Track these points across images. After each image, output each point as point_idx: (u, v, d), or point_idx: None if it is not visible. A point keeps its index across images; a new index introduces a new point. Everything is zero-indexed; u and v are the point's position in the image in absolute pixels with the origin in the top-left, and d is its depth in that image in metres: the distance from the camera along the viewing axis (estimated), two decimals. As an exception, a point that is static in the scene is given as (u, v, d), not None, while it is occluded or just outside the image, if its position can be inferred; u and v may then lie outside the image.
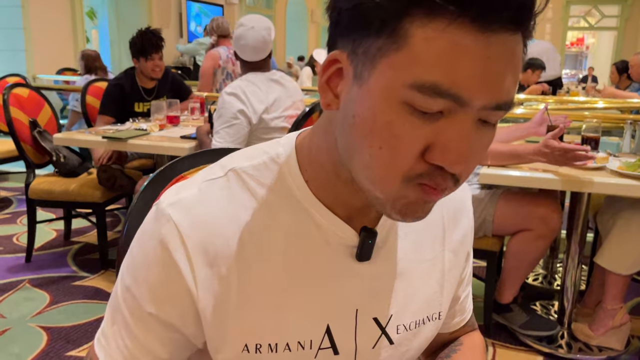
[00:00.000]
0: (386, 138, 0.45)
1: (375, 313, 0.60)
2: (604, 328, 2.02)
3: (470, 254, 0.71)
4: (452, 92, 0.42)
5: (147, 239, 0.57)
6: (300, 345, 0.57)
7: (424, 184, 0.47)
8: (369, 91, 0.46)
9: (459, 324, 0.76)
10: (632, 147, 2.31)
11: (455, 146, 0.44)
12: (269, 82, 2.29)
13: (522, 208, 2.03)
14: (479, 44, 0.41)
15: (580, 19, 12.82)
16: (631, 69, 4.94)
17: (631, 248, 1.91)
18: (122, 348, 0.58)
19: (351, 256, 0.58)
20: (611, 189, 1.82)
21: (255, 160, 0.58)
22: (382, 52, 0.44)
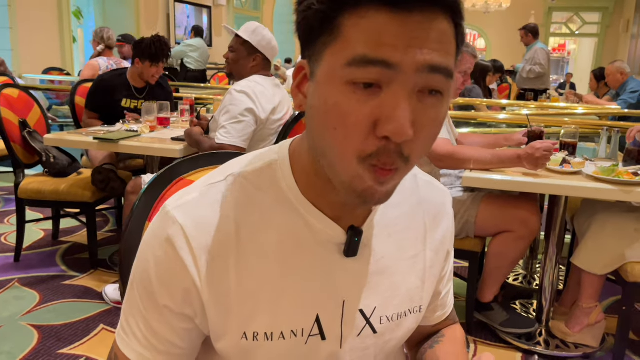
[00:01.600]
0: (337, 117, 0.51)
1: (361, 305, 0.66)
2: (580, 326, 2.11)
3: (450, 252, 0.78)
4: (380, 59, 0.49)
5: (155, 239, 0.63)
6: (293, 333, 0.63)
7: (374, 165, 0.52)
8: (319, 82, 0.53)
9: (441, 317, 0.83)
10: (608, 152, 2.41)
11: (395, 114, 0.49)
12: (273, 86, 2.38)
13: (503, 210, 2.11)
14: (396, 20, 0.49)
15: (562, 25, 13.06)
16: (607, 78, 5.08)
17: (606, 249, 2.00)
18: (143, 340, 0.64)
19: (339, 252, 0.63)
20: (587, 193, 1.90)
21: (252, 166, 0.64)
22: (325, 46, 0.52)
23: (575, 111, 4.48)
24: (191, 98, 3.39)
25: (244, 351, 0.63)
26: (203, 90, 5.82)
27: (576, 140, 2.31)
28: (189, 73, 7.64)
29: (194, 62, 7.68)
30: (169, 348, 0.64)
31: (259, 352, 0.63)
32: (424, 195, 0.72)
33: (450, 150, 1.99)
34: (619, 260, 1.98)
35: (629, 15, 10.59)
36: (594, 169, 1.96)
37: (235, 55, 2.38)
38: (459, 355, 0.78)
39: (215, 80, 7.46)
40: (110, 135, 2.54)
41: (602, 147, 2.43)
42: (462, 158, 1.98)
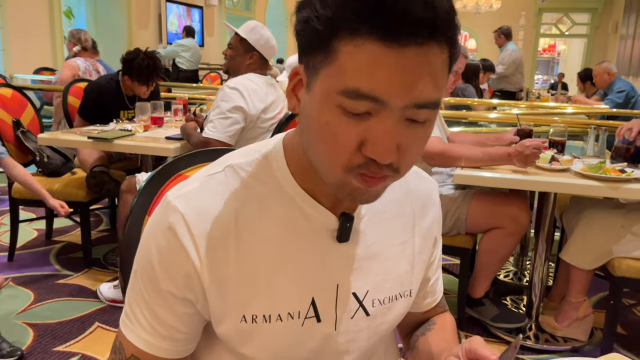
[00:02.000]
0: (327, 135, 0.55)
1: (353, 288, 0.69)
2: (569, 320, 2.15)
3: (437, 239, 0.81)
4: (371, 95, 0.51)
5: (158, 227, 0.66)
6: (290, 315, 0.66)
7: (363, 173, 0.56)
8: (314, 97, 0.56)
9: (431, 304, 0.86)
10: (596, 150, 2.45)
11: (381, 140, 0.53)
12: (267, 85, 2.40)
13: (493, 207, 2.15)
14: (391, 55, 0.50)
15: (552, 26, 13.18)
16: (595, 78, 5.16)
17: (593, 245, 2.05)
18: (147, 326, 0.66)
19: (332, 238, 0.67)
20: (575, 189, 1.95)
21: (249, 158, 0.67)
22: (321, 65, 0.54)
23: (565, 111, 4.54)
24: (184, 98, 3.41)
25: (243, 334, 0.66)
26: (195, 90, 5.82)
27: (565, 139, 2.35)
28: (181, 73, 7.64)
29: (185, 62, 7.68)
30: (172, 333, 0.67)
31: (257, 334, 0.66)
32: (412, 185, 0.76)
33: (441, 149, 2.03)
34: (606, 256, 2.02)
35: (618, 16, 10.72)
36: (582, 166, 2.00)
37: (232, 52, 2.41)
38: (450, 341, 0.81)
39: (208, 80, 7.47)
40: (104, 135, 2.55)
41: (590, 145, 2.47)
42: (453, 156, 2.02)
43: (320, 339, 0.69)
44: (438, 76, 0.53)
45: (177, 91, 5.32)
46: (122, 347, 0.68)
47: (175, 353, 0.68)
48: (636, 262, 1.97)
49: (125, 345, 0.68)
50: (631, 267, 1.97)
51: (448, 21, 0.52)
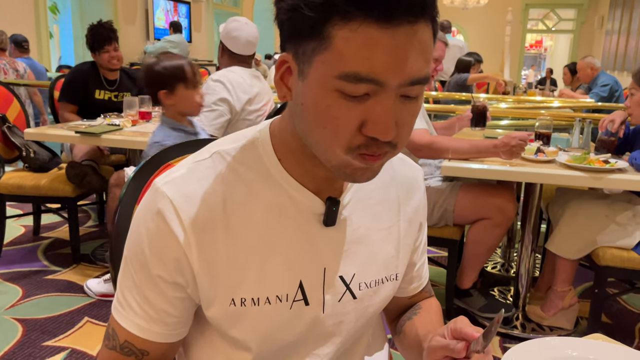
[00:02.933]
0: (327, 119, 0.56)
1: (340, 272, 0.70)
2: (555, 309, 2.19)
3: (423, 225, 0.82)
4: (370, 78, 0.53)
5: (147, 213, 0.66)
6: (278, 298, 0.67)
7: (363, 153, 0.57)
8: (309, 84, 0.56)
9: (417, 289, 0.87)
10: (581, 142, 2.49)
11: (382, 120, 0.55)
12: (251, 77, 2.41)
13: (480, 198, 2.18)
14: (385, 36, 0.52)
15: (539, 22, 13.28)
16: (579, 73, 5.22)
17: (578, 235, 2.08)
18: (139, 311, 0.67)
19: (319, 222, 0.68)
20: (560, 180, 1.98)
21: (236, 144, 0.68)
22: (315, 52, 0.55)
23: (551, 105, 4.60)
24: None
25: (232, 317, 0.67)
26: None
27: (550, 131, 2.39)
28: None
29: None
30: (164, 317, 0.67)
31: (246, 318, 0.67)
32: (397, 171, 0.77)
33: (428, 140, 2.05)
34: (590, 245, 2.06)
35: (604, 12, 10.83)
36: (567, 157, 2.03)
37: (219, 52, 2.45)
38: (435, 324, 0.82)
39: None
40: (92, 129, 2.54)
41: (575, 137, 2.51)
42: (440, 148, 2.04)
43: (308, 321, 0.70)
44: (427, 52, 0.55)
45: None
46: (116, 333, 0.69)
47: (168, 337, 0.69)
48: (620, 252, 2.01)
49: (119, 331, 0.69)
50: (615, 257, 2.00)
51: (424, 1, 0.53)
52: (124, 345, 0.68)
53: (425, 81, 0.56)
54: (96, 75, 3.11)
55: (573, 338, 0.77)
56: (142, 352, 0.69)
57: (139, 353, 0.68)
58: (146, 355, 0.69)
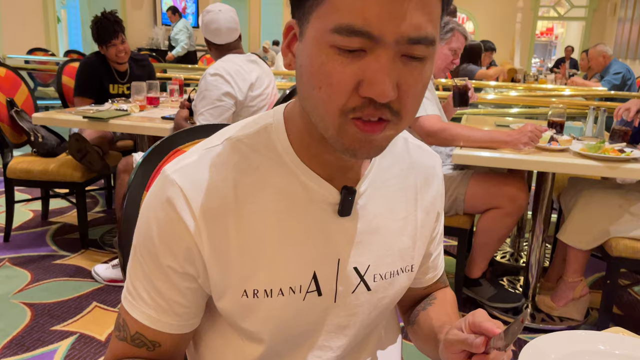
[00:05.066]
0: (322, 78, 0.53)
1: (355, 263, 0.68)
2: (565, 300, 2.17)
3: (440, 214, 0.80)
4: (364, 30, 0.50)
5: (156, 202, 0.64)
6: (291, 290, 0.65)
7: (357, 118, 0.54)
8: (306, 42, 0.55)
9: (432, 279, 0.85)
10: (594, 131, 2.45)
11: (378, 78, 0.51)
12: (248, 62, 2.34)
13: (491, 187, 2.15)
14: None
15: (550, 8, 13.09)
16: (590, 61, 5.14)
17: (591, 225, 2.05)
18: (149, 301, 0.65)
19: (334, 212, 0.65)
20: (574, 169, 1.94)
21: (248, 130, 0.66)
22: (312, 8, 0.53)
23: (563, 93, 4.53)
24: (180, 78, 3.37)
25: (245, 308, 0.65)
26: (190, 72, 5.78)
27: (563, 119, 2.35)
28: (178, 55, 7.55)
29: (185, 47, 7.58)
30: (175, 307, 0.66)
31: (259, 309, 0.65)
32: (414, 159, 0.74)
33: (441, 127, 2.02)
34: (603, 236, 2.03)
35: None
36: (581, 146, 2.00)
37: None
38: (450, 315, 0.80)
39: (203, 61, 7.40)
40: (100, 114, 2.52)
41: (589, 125, 2.47)
42: (452, 134, 2.01)
43: (321, 313, 0.68)
44: (430, 8, 0.52)
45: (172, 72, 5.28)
46: (126, 324, 0.67)
47: (179, 328, 0.67)
48: (634, 242, 1.98)
49: (129, 322, 0.67)
50: (628, 247, 1.97)
51: None
52: (135, 336, 0.67)
53: (430, 42, 0.53)
54: (107, 69, 3.06)
55: (596, 332, 0.75)
56: (154, 343, 0.67)
57: (150, 344, 0.67)
58: (158, 346, 0.67)
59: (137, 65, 3.19)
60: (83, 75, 3.05)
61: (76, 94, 3.06)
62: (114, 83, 3.11)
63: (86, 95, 3.02)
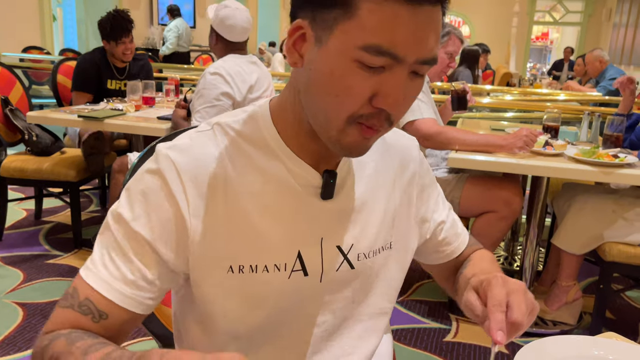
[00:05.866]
0: (341, 87, 0.58)
1: (337, 242, 0.70)
2: (558, 303, 2.18)
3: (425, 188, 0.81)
4: (390, 52, 0.55)
5: (146, 173, 0.65)
6: (276, 267, 0.67)
7: (361, 123, 0.59)
8: (327, 52, 0.58)
9: (459, 248, 0.86)
10: (589, 136, 2.46)
11: (393, 92, 0.57)
12: (249, 64, 2.33)
13: (486, 191, 2.15)
14: (409, 14, 0.54)
15: (546, 13, 13.17)
16: (587, 66, 5.16)
17: (584, 230, 2.06)
18: (112, 269, 0.63)
19: (316, 195, 0.68)
20: (568, 174, 1.95)
21: (236, 117, 0.69)
22: (337, 20, 0.56)
23: (557, 97, 4.56)
24: (176, 78, 3.36)
25: (229, 285, 0.66)
26: (186, 72, 5.77)
27: (558, 124, 2.36)
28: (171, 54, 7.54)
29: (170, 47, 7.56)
30: (138, 279, 0.64)
31: (244, 285, 0.66)
32: (391, 142, 0.78)
33: (437, 130, 2.02)
34: (597, 241, 2.04)
35: (612, 4, 10.73)
36: (575, 151, 2.01)
37: (209, 39, 2.38)
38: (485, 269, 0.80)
39: (199, 62, 7.39)
40: (95, 114, 2.51)
41: (583, 130, 2.48)
42: (448, 138, 2.01)
43: (305, 290, 0.70)
44: (439, 33, 0.59)
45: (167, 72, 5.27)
46: (77, 291, 0.64)
47: (134, 304, 0.64)
48: (627, 247, 1.99)
49: (81, 289, 0.64)
50: (622, 252, 1.98)
51: None
52: (84, 302, 0.63)
53: (434, 62, 0.59)
54: (107, 64, 3.08)
55: (590, 337, 0.75)
56: (101, 313, 0.63)
57: (97, 314, 0.63)
58: (104, 318, 0.64)
59: (135, 63, 3.20)
60: (82, 70, 3.06)
61: (74, 89, 3.06)
62: (112, 78, 3.12)
63: (84, 90, 3.02)
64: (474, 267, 0.82)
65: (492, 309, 0.61)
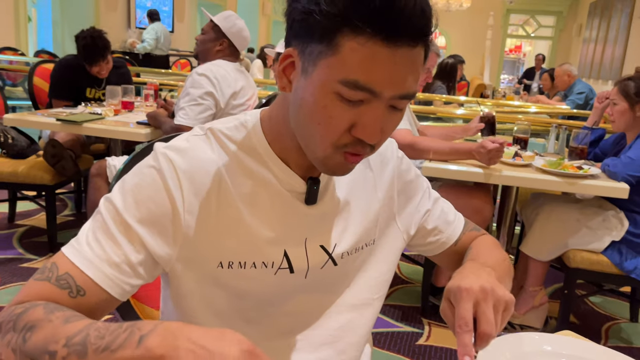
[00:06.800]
0: (322, 117, 0.63)
1: (321, 242, 0.76)
2: (526, 308, 2.26)
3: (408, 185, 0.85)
4: (367, 87, 0.60)
5: (145, 168, 0.69)
6: (264, 264, 0.72)
7: (347, 152, 0.65)
8: (312, 82, 0.62)
9: (453, 236, 0.88)
10: (556, 148, 2.57)
11: (371, 125, 0.62)
12: (236, 71, 2.40)
13: (458, 200, 2.21)
14: (388, 54, 0.59)
15: (519, 27, 13.50)
16: (556, 79, 5.34)
17: (550, 238, 2.15)
18: (98, 250, 0.65)
19: (301, 200, 0.73)
20: (535, 184, 2.04)
21: (227, 124, 0.74)
22: (322, 55, 0.61)
23: (528, 110, 4.70)
24: (155, 83, 3.38)
25: (217, 280, 0.71)
26: (164, 77, 5.75)
27: (528, 136, 2.46)
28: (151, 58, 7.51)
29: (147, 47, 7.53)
30: (122, 261, 0.65)
31: (232, 280, 0.71)
32: None
33: (411, 141, 2.09)
34: (562, 248, 2.13)
35: (582, 20, 11.07)
36: (543, 162, 2.10)
37: (203, 37, 2.43)
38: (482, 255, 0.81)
39: (177, 66, 7.38)
40: (73, 117, 2.51)
41: (551, 142, 2.59)
42: (422, 148, 2.09)
43: (291, 288, 0.75)
44: (418, 70, 0.63)
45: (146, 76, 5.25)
46: (56, 265, 0.65)
47: (111, 285, 0.65)
48: (590, 255, 2.08)
49: (61, 264, 0.64)
50: (585, 259, 2.08)
51: (431, 28, 0.61)
52: (63, 276, 0.63)
53: (413, 97, 0.64)
54: (85, 73, 3.06)
55: (546, 334, 0.81)
56: (79, 289, 0.63)
57: (75, 289, 0.63)
58: (81, 295, 0.63)
59: (115, 72, 3.18)
60: (60, 77, 3.04)
61: (52, 96, 3.04)
62: (92, 87, 3.11)
63: (62, 98, 3.00)
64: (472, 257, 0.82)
65: (459, 330, 0.61)
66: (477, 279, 0.65)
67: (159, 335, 0.49)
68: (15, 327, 0.58)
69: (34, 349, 0.55)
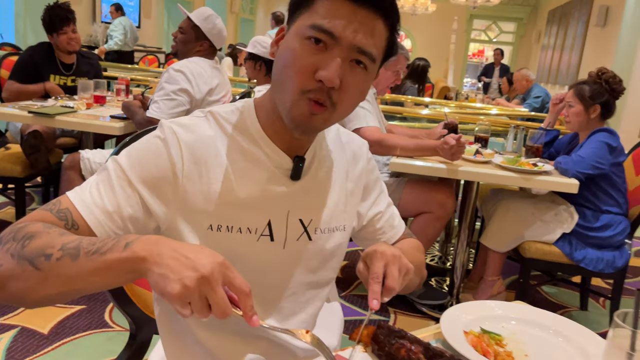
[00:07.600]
0: (292, 59, 0.74)
1: (300, 216, 0.86)
2: (485, 296, 2.40)
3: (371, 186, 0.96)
4: (329, 30, 0.73)
5: (151, 138, 0.80)
6: (248, 230, 0.82)
7: (310, 98, 0.73)
8: (289, 34, 0.77)
9: (393, 237, 1.00)
10: (514, 147, 2.73)
11: (330, 66, 0.72)
12: (212, 68, 2.45)
13: (423, 194, 2.35)
14: (350, 9, 0.73)
15: (482, 32, 13.91)
16: (514, 83, 5.58)
17: (508, 230, 2.30)
18: (96, 197, 0.75)
19: (287, 176, 0.84)
20: (495, 179, 2.18)
21: (225, 108, 0.85)
22: (300, 14, 0.76)
23: (490, 111, 4.91)
24: (127, 78, 3.39)
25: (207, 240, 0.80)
26: (130, 72, 5.71)
27: (488, 135, 2.61)
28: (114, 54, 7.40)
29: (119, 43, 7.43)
30: (115, 212, 0.75)
31: (219, 242, 0.80)
32: (344, 141, 0.95)
33: (379, 137, 2.20)
34: (518, 240, 2.28)
35: (541, 27, 11.51)
36: (502, 159, 2.24)
37: (183, 37, 2.46)
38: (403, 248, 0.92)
39: (145, 62, 7.31)
40: (46, 110, 2.52)
41: (509, 141, 2.75)
42: (389, 145, 2.20)
43: (270, 254, 0.84)
44: (377, 38, 0.75)
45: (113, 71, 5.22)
46: (59, 201, 0.75)
47: (101, 231, 0.74)
48: (543, 246, 2.24)
49: (64, 201, 0.75)
50: (539, 250, 2.23)
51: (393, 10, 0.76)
52: (63, 210, 0.73)
53: (371, 57, 0.75)
54: (52, 59, 3.07)
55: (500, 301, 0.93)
56: (74, 223, 0.73)
57: (71, 223, 0.73)
58: (75, 228, 0.73)
59: (84, 61, 3.20)
60: (20, 61, 3.06)
61: (9, 77, 3.06)
62: (56, 74, 3.10)
63: (18, 81, 3.02)
64: None
65: (371, 282, 0.74)
66: (389, 248, 0.78)
67: (143, 242, 0.60)
68: (15, 237, 0.66)
69: (31, 253, 0.63)
